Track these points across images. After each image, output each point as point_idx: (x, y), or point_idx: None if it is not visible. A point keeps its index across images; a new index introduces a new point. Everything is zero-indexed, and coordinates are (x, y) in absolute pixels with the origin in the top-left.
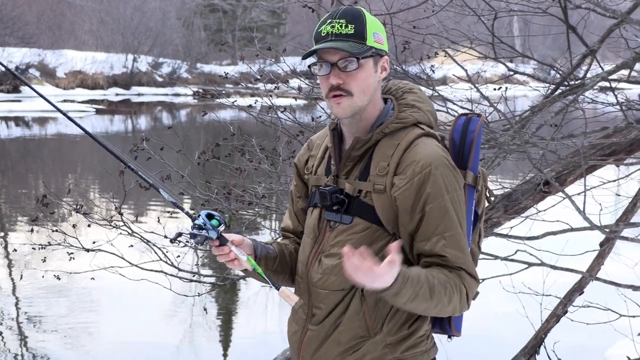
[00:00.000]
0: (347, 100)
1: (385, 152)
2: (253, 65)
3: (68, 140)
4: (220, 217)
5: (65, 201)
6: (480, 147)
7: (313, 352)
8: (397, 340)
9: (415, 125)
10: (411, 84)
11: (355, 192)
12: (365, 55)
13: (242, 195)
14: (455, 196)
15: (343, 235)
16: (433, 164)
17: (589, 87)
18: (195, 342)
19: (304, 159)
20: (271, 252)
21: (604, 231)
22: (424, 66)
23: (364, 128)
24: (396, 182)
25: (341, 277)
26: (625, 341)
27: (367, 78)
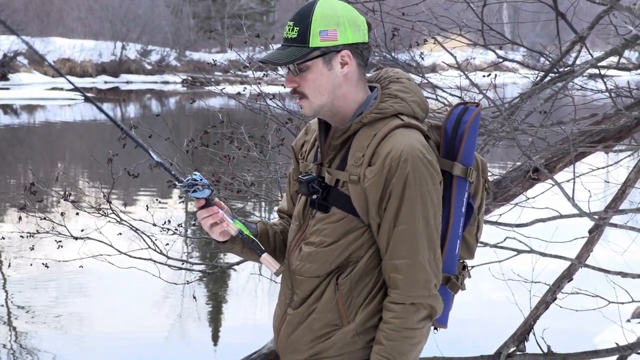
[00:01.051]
0: (304, 102)
1: (362, 143)
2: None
3: (57, 127)
4: (209, 182)
5: (53, 189)
6: None
7: (289, 335)
8: (367, 329)
9: (395, 116)
10: (401, 73)
11: (333, 181)
12: (305, 59)
13: (230, 183)
14: (424, 190)
15: (320, 224)
16: (403, 156)
17: (578, 74)
18: (185, 330)
19: (300, 143)
20: (251, 231)
21: (593, 218)
22: (413, 53)
23: (341, 119)
24: (367, 173)
25: (316, 265)
26: (614, 327)
27: (318, 79)
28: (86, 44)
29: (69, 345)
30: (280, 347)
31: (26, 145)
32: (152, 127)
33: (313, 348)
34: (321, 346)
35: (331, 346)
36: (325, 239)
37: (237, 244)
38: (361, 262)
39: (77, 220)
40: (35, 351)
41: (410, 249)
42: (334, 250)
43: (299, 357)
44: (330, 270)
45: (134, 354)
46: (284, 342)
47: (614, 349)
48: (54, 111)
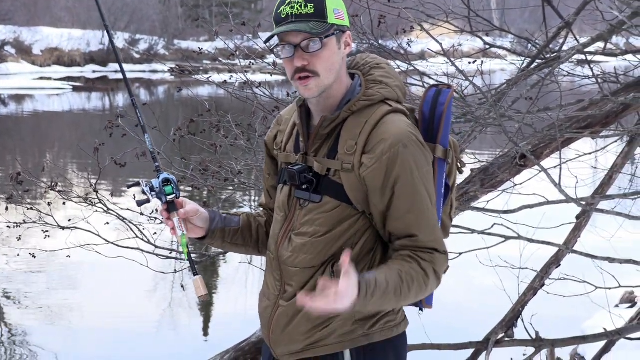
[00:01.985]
0: (314, 81)
1: (353, 131)
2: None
3: (45, 117)
4: (176, 186)
5: (40, 179)
6: (457, 121)
7: (283, 327)
8: (366, 317)
9: (382, 102)
10: (379, 59)
11: (324, 170)
12: (328, 34)
13: (218, 172)
14: (424, 173)
15: (313, 214)
16: (402, 142)
17: (565, 60)
18: (176, 319)
19: (272, 135)
20: (233, 225)
21: (580, 204)
22: (400, 40)
23: (330, 106)
24: (365, 161)
25: (311, 255)
26: (602, 313)
27: (332, 56)
28: (74, 33)
29: (58, 336)
30: (273, 340)
31: (14, 135)
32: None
33: (311, 337)
34: (320, 335)
35: (330, 334)
36: (320, 229)
37: (215, 238)
38: (356, 249)
39: (65, 210)
40: (25, 341)
41: (433, 232)
42: (329, 239)
43: (296, 347)
44: (325, 260)
45: (124, 344)
46: (278, 334)
47: (602, 334)
48: (42, 101)
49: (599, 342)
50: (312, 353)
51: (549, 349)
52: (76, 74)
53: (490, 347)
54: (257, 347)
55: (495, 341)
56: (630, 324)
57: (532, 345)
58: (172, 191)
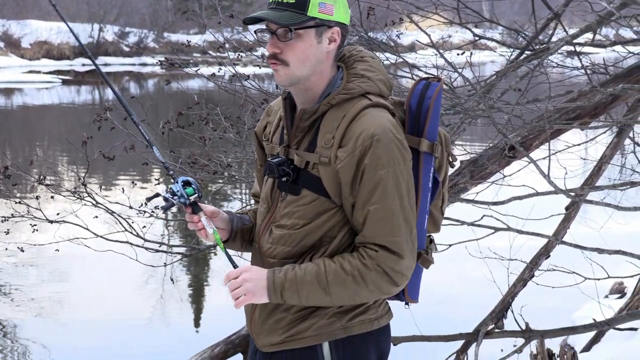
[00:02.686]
0: (282, 69)
1: (331, 124)
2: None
3: (35, 111)
4: (197, 186)
5: (28, 173)
6: (446, 113)
7: (264, 319)
8: (344, 310)
9: (363, 95)
10: (364, 52)
11: (303, 163)
12: (302, 26)
13: (206, 165)
14: (397, 169)
15: (291, 207)
16: (375, 136)
17: (553, 51)
18: (167, 312)
19: (262, 125)
20: (247, 223)
21: (569, 195)
22: (389, 33)
23: (311, 98)
24: (339, 154)
25: (289, 247)
26: (592, 304)
27: (307, 49)
28: (63, 26)
29: (49, 329)
30: (254, 331)
31: (3, 129)
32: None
33: (290, 330)
34: (298, 327)
35: (309, 326)
36: (298, 222)
37: (237, 239)
38: (334, 242)
39: (54, 204)
40: (15, 335)
41: (389, 230)
42: (307, 231)
43: (276, 339)
44: (303, 252)
45: (114, 337)
46: (258, 325)
47: (592, 324)
48: (31, 94)
49: (588, 332)
50: (291, 345)
51: (539, 340)
52: (65, 67)
53: (480, 338)
54: (247, 340)
55: (485, 332)
56: (620, 315)
57: (521, 336)
58: (193, 192)
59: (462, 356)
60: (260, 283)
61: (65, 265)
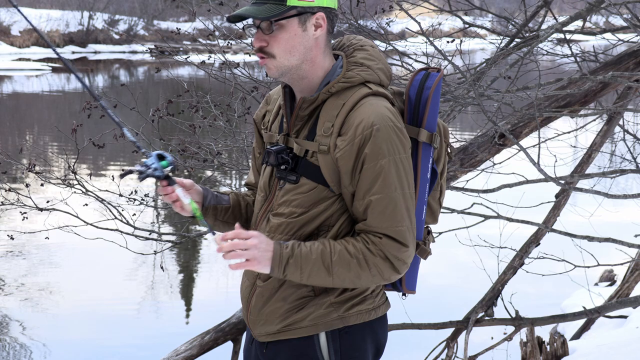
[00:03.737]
0: (270, 62)
1: (331, 112)
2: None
3: (24, 98)
4: (171, 159)
5: (18, 161)
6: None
7: (260, 308)
8: (341, 300)
9: (363, 84)
10: (364, 40)
11: (302, 151)
12: (282, 16)
13: (196, 153)
14: (397, 158)
15: (289, 195)
16: (375, 125)
17: (543, 39)
18: (157, 300)
19: (261, 114)
20: (224, 204)
21: (559, 183)
22: (379, 20)
23: (308, 87)
24: (338, 143)
25: (286, 236)
26: (582, 291)
27: (291, 39)
28: (52, 14)
29: (38, 318)
30: (250, 320)
31: None
32: (120, 97)
33: (286, 319)
34: (294, 317)
35: (305, 316)
36: (296, 210)
37: (209, 215)
38: (332, 231)
39: (44, 192)
40: (5, 324)
41: (393, 219)
42: (305, 220)
43: (272, 328)
44: (301, 241)
45: (104, 325)
46: (255, 314)
47: (581, 312)
48: (21, 82)
49: (578, 320)
50: (287, 335)
51: (529, 328)
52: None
53: (470, 326)
54: (237, 328)
55: (475, 320)
56: (610, 302)
57: (511, 324)
58: (167, 164)
59: (452, 344)
60: (267, 254)
61: (55, 254)
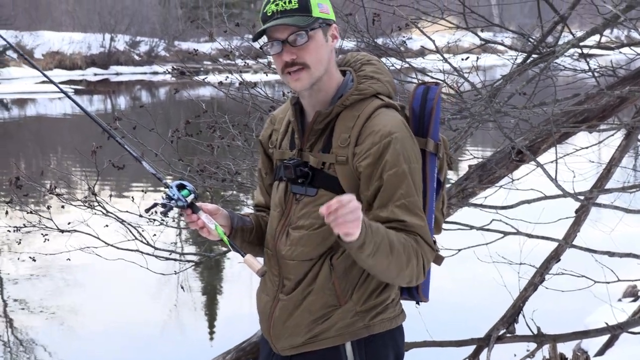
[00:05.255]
0: (305, 73)
1: (346, 124)
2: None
3: (47, 121)
4: (192, 188)
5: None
6: (453, 118)
7: (284, 321)
8: (366, 308)
9: (374, 96)
10: (369, 56)
11: (319, 164)
12: (313, 27)
13: (215, 173)
14: (413, 167)
15: (309, 207)
16: (393, 133)
17: (559, 54)
18: (180, 320)
19: (267, 134)
20: (248, 224)
21: (577, 198)
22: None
23: (322, 100)
24: (357, 151)
25: (309, 248)
26: (605, 307)
27: (319, 49)
28: (75, 37)
29: (63, 338)
30: (273, 334)
31: (16, 139)
32: (141, 118)
33: (312, 330)
34: (320, 327)
35: (331, 326)
36: (316, 221)
37: (237, 237)
38: None
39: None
40: (31, 345)
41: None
42: (326, 231)
43: (298, 340)
44: (323, 252)
45: (128, 345)
46: (279, 327)
47: (604, 328)
48: (44, 104)
49: (601, 336)
50: (314, 346)
51: (551, 344)
52: (77, 77)
53: (491, 343)
54: (258, 347)
55: (497, 337)
56: (633, 318)
57: (534, 340)
58: (189, 193)
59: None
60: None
61: (77, 275)
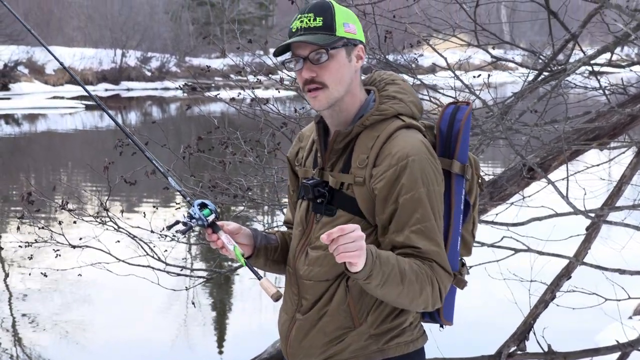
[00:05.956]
0: (322, 93)
1: (366, 145)
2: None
3: (58, 136)
4: (213, 207)
5: (51, 198)
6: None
7: (300, 340)
8: (381, 332)
9: (396, 117)
10: (395, 75)
11: (338, 184)
12: (334, 46)
13: (227, 189)
14: (432, 189)
15: (327, 228)
16: (410, 156)
17: (571, 72)
18: (190, 336)
19: (294, 151)
20: (272, 243)
21: (588, 216)
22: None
23: (344, 120)
24: (374, 173)
25: (325, 268)
26: (615, 325)
27: (341, 68)
28: (86, 52)
29: (73, 354)
30: (290, 353)
31: (28, 155)
32: (152, 133)
33: (326, 352)
34: (334, 349)
35: (345, 348)
36: None
37: (260, 256)
38: None
39: (77, 229)
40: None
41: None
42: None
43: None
44: (339, 273)
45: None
46: (295, 347)
47: (615, 346)
48: (55, 120)
49: (611, 354)
50: None
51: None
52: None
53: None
54: None
55: (508, 354)
56: None
57: (544, 358)
58: (210, 212)
59: None
60: (365, 247)
61: (88, 290)
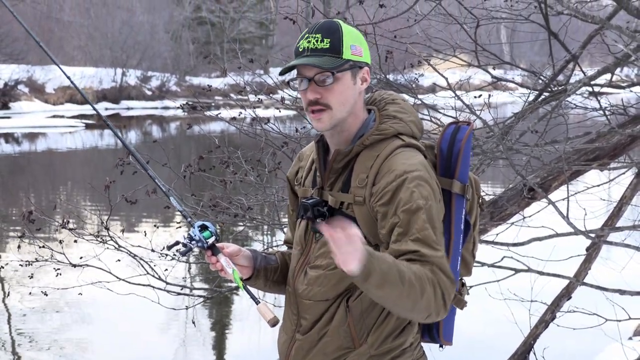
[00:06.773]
0: (326, 114)
1: (365, 164)
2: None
3: (58, 155)
4: (214, 229)
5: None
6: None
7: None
8: (381, 352)
9: (396, 136)
10: (395, 95)
11: (337, 204)
12: (340, 69)
13: (227, 208)
14: (430, 204)
15: (326, 247)
16: (408, 172)
17: (571, 93)
18: (190, 355)
19: (294, 171)
20: (272, 263)
21: (589, 236)
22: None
23: (345, 140)
24: (374, 191)
25: (325, 288)
26: (616, 346)
27: (345, 91)
28: (86, 71)
29: None
30: None
31: (28, 173)
32: (152, 152)
33: None
34: None
35: None
36: (332, 262)
37: (260, 277)
38: None
39: (78, 247)
40: None
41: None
42: (342, 272)
43: None
44: (339, 293)
45: None
46: None
47: None
48: (55, 139)
49: None
50: None
51: None
52: (89, 112)
53: None
54: None
55: None
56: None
57: None
58: (210, 235)
59: None
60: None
61: (88, 309)
